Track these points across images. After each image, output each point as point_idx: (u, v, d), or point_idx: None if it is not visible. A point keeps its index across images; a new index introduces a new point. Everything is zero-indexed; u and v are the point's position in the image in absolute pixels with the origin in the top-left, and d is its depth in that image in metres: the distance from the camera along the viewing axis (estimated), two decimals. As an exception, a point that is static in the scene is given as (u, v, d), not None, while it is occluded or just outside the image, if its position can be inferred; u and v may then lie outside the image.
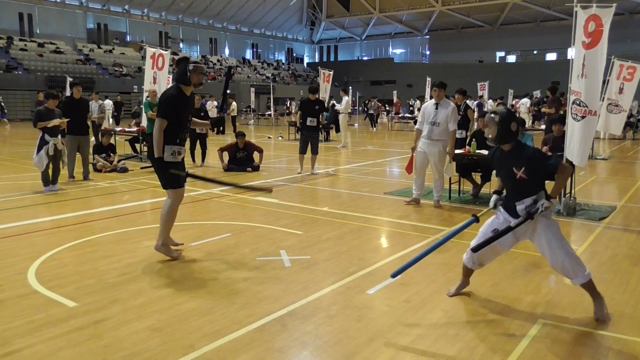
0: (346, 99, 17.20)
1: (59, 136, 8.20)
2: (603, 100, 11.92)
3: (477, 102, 27.16)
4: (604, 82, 8.34)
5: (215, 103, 21.27)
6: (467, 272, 3.95)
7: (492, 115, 3.60)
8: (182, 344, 3.14)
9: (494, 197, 3.84)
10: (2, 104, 28.13)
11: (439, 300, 3.87)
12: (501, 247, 3.76)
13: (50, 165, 8.18)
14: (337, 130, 18.22)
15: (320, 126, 10.27)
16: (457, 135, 8.83)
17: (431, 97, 7.46)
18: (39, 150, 8.00)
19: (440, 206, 7.23)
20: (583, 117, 6.46)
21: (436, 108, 7.08)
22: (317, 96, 10.37)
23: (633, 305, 3.82)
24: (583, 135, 6.49)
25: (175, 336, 3.25)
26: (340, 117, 17.28)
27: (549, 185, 3.56)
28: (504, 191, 3.86)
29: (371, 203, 7.43)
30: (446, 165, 7.18)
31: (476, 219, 3.87)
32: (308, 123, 10.04)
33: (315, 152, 10.14)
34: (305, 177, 9.93)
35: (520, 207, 3.59)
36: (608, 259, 4.92)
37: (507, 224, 3.64)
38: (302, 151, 10.23)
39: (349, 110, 18.37)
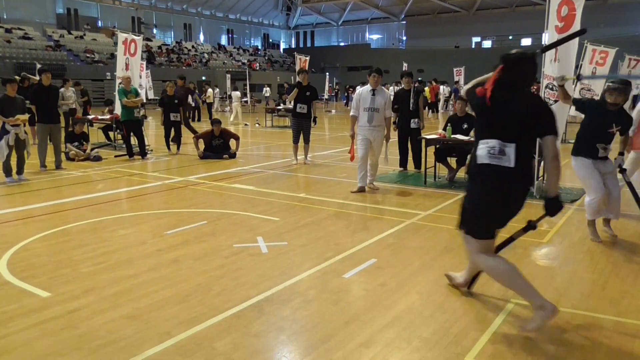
0: None
1: (21, 125, 7.91)
2: (576, 85, 12.10)
3: (454, 87, 27.49)
4: (576, 67, 8.45)
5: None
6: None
7: (623, 86, 4.73)
8: (159, 331, 3.13)
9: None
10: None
11: (415, 283, 3.93)
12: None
13: (16, 155, 7.97)
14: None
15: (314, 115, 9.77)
16: (413, 125, 8.81)
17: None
18: None
19: (377, 188, 7.35)
20: (556, 101, 6.56)
21: (373, 94, 7.12)
22: (308, 81, 9.83)
23: (602, 284, 3.94)
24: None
25: (152, 324, 3.23)
26: None
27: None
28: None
29: (348, 189, 7.45)
30: (385, 149, 7.13)
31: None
32: (298, 110, 9.60)
33: (307, 141, 9.77)
34: (284, 164, 9.90)
35: (606, 152, 4.91)
36: (578, 239, 5.05)
37: (597, 166, 4.88)
38: (296, 141, 9.78)
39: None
